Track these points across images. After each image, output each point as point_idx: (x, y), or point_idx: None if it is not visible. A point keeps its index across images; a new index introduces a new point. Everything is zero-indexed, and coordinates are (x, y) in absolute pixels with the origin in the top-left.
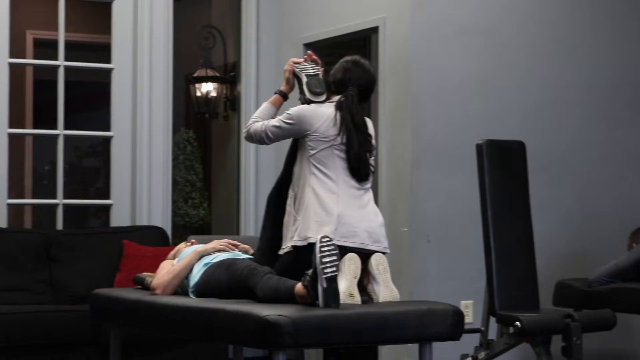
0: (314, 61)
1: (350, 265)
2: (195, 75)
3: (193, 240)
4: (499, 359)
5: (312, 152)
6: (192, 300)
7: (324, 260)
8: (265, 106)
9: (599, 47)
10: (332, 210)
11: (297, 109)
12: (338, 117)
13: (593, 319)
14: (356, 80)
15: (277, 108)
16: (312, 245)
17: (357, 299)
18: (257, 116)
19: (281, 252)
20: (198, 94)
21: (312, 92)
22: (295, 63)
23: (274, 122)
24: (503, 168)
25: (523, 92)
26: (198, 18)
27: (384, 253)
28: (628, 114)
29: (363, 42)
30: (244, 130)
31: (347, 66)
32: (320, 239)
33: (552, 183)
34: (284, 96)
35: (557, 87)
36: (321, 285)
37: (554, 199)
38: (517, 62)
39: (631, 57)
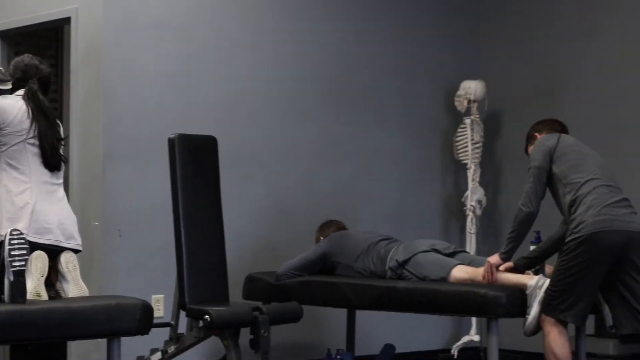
0: None
1: (38, 264)
2: None
3: None
4: (189, 352)
5: (4, 147)
6: None
7: (13, 253)
8: None
9: (288, 43)
10: (26, 206)
11: None
12: (29, 108)
13: (281, 312)
14: (35, 74)
15: None
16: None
17: (45, 298)
18: None
19: None
20: None
21: None
22: None
23: None
24: (195, 163)
25: (216, 88)
26: None
27: (78, 251)
28: (318, 110)
29: (55, 32)
30: None
31: (22, 64)
32: (11, 231)
33: (244, 178)
34: None
35: (248, 83)
36: (8, 279)
37: (246, 193)
38: (210, 58)
39: (321, 52)
